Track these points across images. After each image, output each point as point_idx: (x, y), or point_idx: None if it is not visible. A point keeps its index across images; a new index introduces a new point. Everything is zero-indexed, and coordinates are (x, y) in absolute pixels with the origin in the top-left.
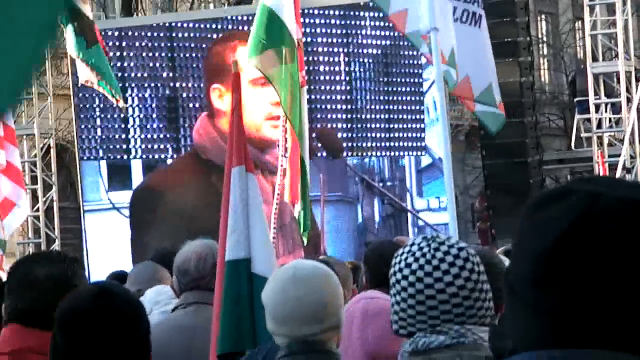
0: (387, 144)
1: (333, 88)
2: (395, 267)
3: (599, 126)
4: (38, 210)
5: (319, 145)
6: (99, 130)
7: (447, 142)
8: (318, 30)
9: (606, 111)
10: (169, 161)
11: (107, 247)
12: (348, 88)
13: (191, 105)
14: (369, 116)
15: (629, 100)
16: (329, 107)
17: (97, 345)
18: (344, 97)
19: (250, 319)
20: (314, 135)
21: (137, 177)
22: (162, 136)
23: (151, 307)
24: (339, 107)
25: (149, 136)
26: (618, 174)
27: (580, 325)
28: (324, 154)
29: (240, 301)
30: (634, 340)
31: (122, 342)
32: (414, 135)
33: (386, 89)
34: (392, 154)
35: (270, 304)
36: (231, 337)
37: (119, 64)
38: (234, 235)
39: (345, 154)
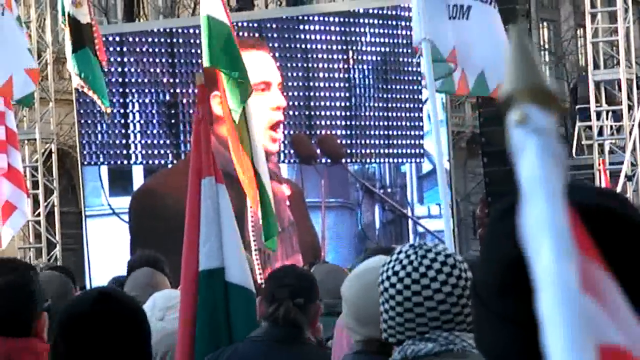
0: (386, 150)
1: (332, 94)
2: (383, 275)
3: (600, 133)
4: (39, 214)
5: (320, 151)
6: (100, 135)
7: (440, 148)
8: (317, 37)
9: (607, 118)
10: (169, 166)
11: (108, 252)
12: (347, 94)
13: (191, 111)
14: (368, 122)
15: (630, 108)
16: (328, 113)
17: (97, 350)
18: (343, 104)
19: (227, 327)
20: (313, 141)
21: (138, 182)
22: (162, 142)
23: (163, 314)
24: (338, 113)
25: (149, 141)
26: (620, 182)
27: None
28: (325, 160)
29: (216, 310)
30: None
31: (122, 347)
32: (413, 141)
33: (385, 95)
34: (391, 160)
35: (352, 304)
36: (208, 347)
37: (119, 69)
38: (207, 245)
39: (344, 160)
